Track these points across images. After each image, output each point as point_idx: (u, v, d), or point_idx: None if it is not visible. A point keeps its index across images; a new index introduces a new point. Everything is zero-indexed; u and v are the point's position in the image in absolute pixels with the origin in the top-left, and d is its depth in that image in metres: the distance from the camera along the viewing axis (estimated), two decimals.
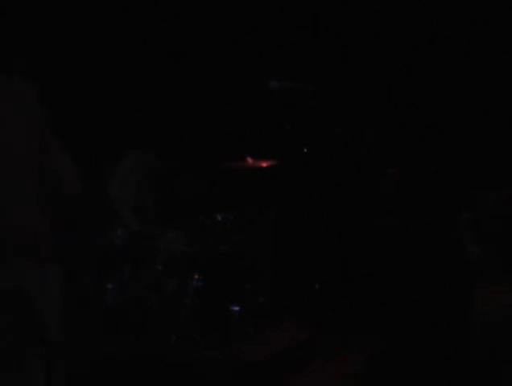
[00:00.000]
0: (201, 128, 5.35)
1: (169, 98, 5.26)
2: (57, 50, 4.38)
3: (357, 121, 4.63)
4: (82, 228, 4.07)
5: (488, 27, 4.96)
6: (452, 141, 5.13)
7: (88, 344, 3.67)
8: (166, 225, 4.34)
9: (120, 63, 4.84)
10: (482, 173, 4.57)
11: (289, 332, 4.24)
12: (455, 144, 5.09)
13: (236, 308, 4.10)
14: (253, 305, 4.47)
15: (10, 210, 2.11)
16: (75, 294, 3.85)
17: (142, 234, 4.12)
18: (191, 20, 5.22)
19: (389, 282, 4.36)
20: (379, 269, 4.39)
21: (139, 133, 4.46)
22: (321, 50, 5.78)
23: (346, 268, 4.59)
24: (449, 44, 5.20)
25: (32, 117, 2.26)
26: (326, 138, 4.63)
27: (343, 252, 4.62)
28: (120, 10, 4.72)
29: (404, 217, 4.48)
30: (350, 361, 3.92)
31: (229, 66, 5.52)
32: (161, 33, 5.03)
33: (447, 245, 4.35)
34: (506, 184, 3.16)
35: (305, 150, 5.16)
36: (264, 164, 4.38)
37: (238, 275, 4.09)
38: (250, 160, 4.17)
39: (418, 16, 5.30)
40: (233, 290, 4.15)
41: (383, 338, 4.19)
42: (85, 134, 4.66)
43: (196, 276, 3.93)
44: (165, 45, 5.09)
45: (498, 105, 4.95)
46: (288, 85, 2.84)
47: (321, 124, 3.46)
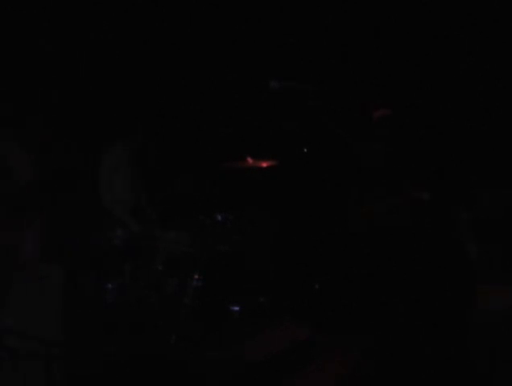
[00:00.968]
0: (201, 128, 5.35)
1: (169, 98, 5.26)
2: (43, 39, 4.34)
3: (357, 122, 4.62)
4: (82, 228, 4.07)
5: (488, 27, 4.96)
6: (451, 141, 5.13)
7: (88, 344, 3.67)
8: (166, 225, 4.34)
9: (120, 63, 4.84)
10: (481, 173, 4.58)
11: (289, 332, 4.23)
12: (454, 144, 5.10)
13: (236, 308, 4.10)
14: (253, 305, 4.47)
15: None
16: (75, 294, 3.85)
17: (142, 234, 4.11)
18: (191, 20, 5.22)
19: (389, 282, 4.36)
20: (379, 269, 4.39)
21: (127, 123, 4.40)
22: (321, 50, 5.78)
23: (346, 268, 4.59)
24: (449, 44, 5.21)
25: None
26: (326, 138, 4.63)
27: (343, 252, 4.62)
28: (120, 7, 4.71)
29: (404, 217, 4.49)
30: (350, 361, 3.92)
31: (229, 66, 5.52)
32: (161, 33, 5.03)
33: (447, 245, 4.36)
34: (504, 184, 3.16)
35: (305, 150, 5.17)
36: (264, 164, 4.38)
37: (238, 275, 4.10)
38: (250, 160, 4.17)
39: (419, 16, 5.30)
40: (233, 290, 4.15)
41: (383, 338, 4.19)
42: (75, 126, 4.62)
43: (196, 276, 3.93)
44: (165, 45, 5.09)
45: (497, 105, 4.95)
46: (288, 85, 2.84)
47: (321, 124, 3.46)
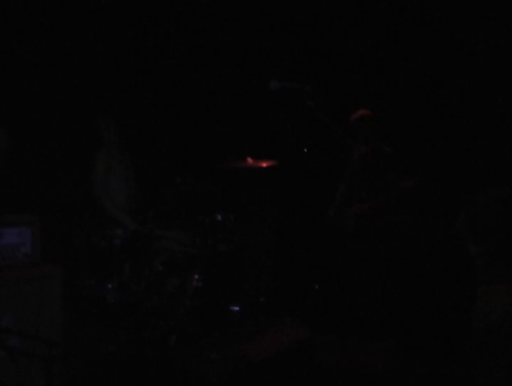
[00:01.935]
0: (201, 127, 5.35)
1: (168, 98, 5.26)
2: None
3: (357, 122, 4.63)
4: (82, 228, 4.07)
5: (487, 28, 4.96)
6: (450, 141, 5.14)
7: (88, 344, 3.67)
8: (166, 225, 4.34)
9: (119, 63, 4.84)
10: (479, 173, 4.58)
11: (289, 332, 4.23)
12: (452, 144, 5.10)
13: (236, 308, 4.10)
14: (253, 305, 4.47)
15: None
16: (75, 294, 3.85)
17: (141, 234, 4.11)
18: (191, 19, 5.23)
19: (389, 282, 4.36)
20: (380, 269, 4.39)
21: (125, 122, 4.40)
22: (321, 50, 5.78)
23: (346, 268, 4.59)
24: (448, 45, 5.21)
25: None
26: (326, 138, 4.64)
27: (343, 251, 4.62)
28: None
29: (407, 217, 4.49)
30: (350, 361, 3.92)
31: (229, 66, 5.52)
32: (161, 33, 5.03)
33: (448, 245, 4.36)
34: (503, 183, 3.16)
35: (305, 150, 5.16)
36: (264, 164, 4.38)
37: (238, 275, 4.09)
38: (250, 160, 4.17)
39: (420, 16, 5.31)
40: (233, 290, 4.15)
41: (383, 338, 4.19)
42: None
43: (196, 276, 3.93)
44: (165, 45, 5.10)
45: (495, 105, 4.96)
46: (288, 85, 2.84)
47: (321, 124, 3.46)
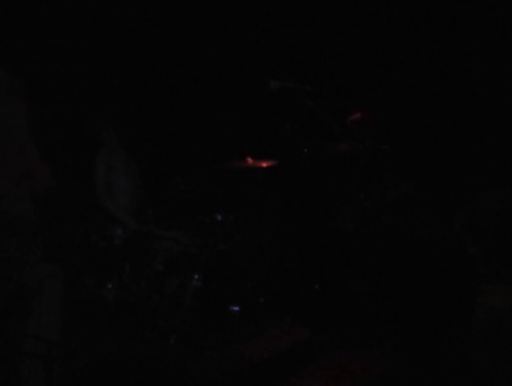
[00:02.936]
0: (201, 127, 5.35)
1: (168, 98, 5.26)
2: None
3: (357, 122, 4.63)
4: (82, 228, 4.07)
5: (487, 28, 4.96)
6: (448, 141, 5.14)
7: (88, 344, 3.67)
8: (166, 225, 4.34)
9: (119, 62, 4.84)
10: (477, 173, 4.58)
11: (289, 332, 4.23)
12: (450, 144, 5.10)
13: (236, 308, 4.10)
14: (253, 305, 4.47)
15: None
16: (75, 294, 3.85)
17: (142, 233, 4.11)
18: (191, 20, 5.22)
19: (389, 282, 4.36)
20: (380, 269, 4.39)
21: (124, 122, 4.41)
22: (321, 49, 5.78)
23: (346, 268, 4.59)
24: (448, 46, 5.21)
25: (20, 111, 2.19)
26: (326, 138, 4.64)
27: (343, 251, 4.62)
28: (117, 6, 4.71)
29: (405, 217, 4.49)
30: (350, 361, 3.92)
31: (229, 66, 5.52)
32: (161, 33, 5.03)
33: (447, 245, 4.35)
34: (501, 184, 3.16)
35: (305, 150, 5.16)
36: (264, 164, 4.38)
37: (238, 275, 4.09)
38: (250, 160, 4.17)
39: (421, 16, 5.30)
40: (233, 290, 4.15)
41: (384, 338, 4.19)
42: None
43: (196, 276, 3.93)
44: (165, 45, 5.09)
45: (492, 106, 4.96)
46: (288, 85, 2.84)
47: (321, 124, 3.46)
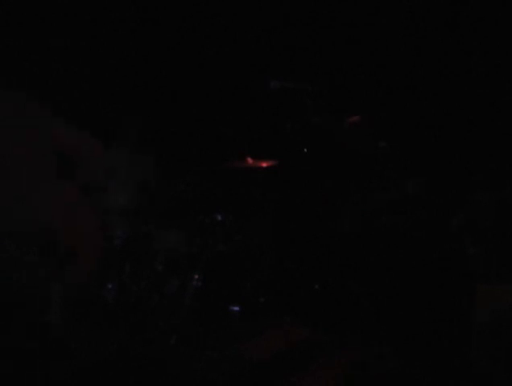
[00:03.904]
0: (201, 127, 5.35)
1: (168, 97, 5.26)
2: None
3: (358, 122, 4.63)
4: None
5: (487, 28, 4.96)
6: (446, 142, 5.14)
7: (88, 344, 3.67)
8: (166, 225, 4.34)
9: (118, 61, 4.84)
10: (474, 174, 4.58)
11: (289, 332, 4.23)
12: (448, 145, 5.11)
13: (236, 308, 4.10)
14: (253, 305, 4.46)
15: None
16: (75, 294, 3.85)
17: (142, 233, 4.11)
18: (191, 20, 5.22)
19: (389, 282, 4.36)
20: (379, 269, 4.39)
21: (124, 123, 4.42)
22: (322, 49, 5.78)
23: (346, 268, 4.59)
24: (448, 46, 5.21)
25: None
26: (326, 138, 4.64)
27: (343, 251, 4.62)
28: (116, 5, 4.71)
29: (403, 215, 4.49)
30: (350, 361, 3.92)
31: (229, 66, 5.52)
32: (160, 33, 5.03)
33: (447, 245, 4.36)
34: (498, 185, 3.16)
35: (305, 150, 5.17)
36: (264, 164, 4.38)
37: (238, 275, 4.09)
38: (250, 160, 4.17)
39: (421, 16, 5.30)
40: (233, 290, 4.15)
41: (383, 338, 4.19)
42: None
43: (196, 276, 3.93)
44: (165, 45, 5.09)
45: (492, 106, 4.96)
46: (288, 85, 2.84)
47: (321, 124, 3.47)
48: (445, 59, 5.25)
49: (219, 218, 4.32)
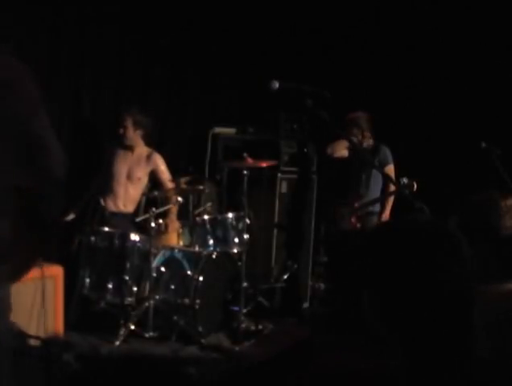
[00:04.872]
0: (201, 127, 5.35)
1: (168, 98, 5.26)
2: None
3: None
4: (81, 228, 4.07)
5: (485, 28, 4.97)
6: (445, 142, 5.15)
7: (87, 344, 3.67)
8: (165, 225, 4.34)
9: (119, 60, 4.84)
10: (473, 174, 4.59)
11: (289, 332, 4.23)
12: (448, 145, 5.11)
13: (236, 308, 4.09)
14: (253, 305, 4.47)
15: None
16: (75, 294, 3.85)
17: (141, 233, 4.11)
18: (191, 20, 5.22)
19: (389, 282, 4.36)
20: (379, 269, 4.39)
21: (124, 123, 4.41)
22: (321, 49, 5.78)
23: (346, 267, 4.59)
24: (448, 46, 5.22)
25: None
26: (326, 138, 4.65)
27: (343, 251, 4.62)
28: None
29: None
30: (351, 361, 3.91)
31: (229, 66, 5.52)
32: (161, 33, 5.03)
33: (446, 245, 4.35)
34: (496, 185, 3.16)
35: (305, 150, 5.16)
36: (264, 164, 4.37)
37: (238, 275, 4.08)
38: (250, 160, 4.16)
39: (421, 16, 5.31)
40: (233, 290, 4.14)
41: (384, 338, 4.18)
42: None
43: (196, 276, 3.93)
44: (165, 45, 5.09)
45: (492, 106, 4.97)
46: (288, 85, 2.83)
47: (321, 124, 3.46)
48: (446, 58, 5.25)
49: (219, 218, 4.33)
